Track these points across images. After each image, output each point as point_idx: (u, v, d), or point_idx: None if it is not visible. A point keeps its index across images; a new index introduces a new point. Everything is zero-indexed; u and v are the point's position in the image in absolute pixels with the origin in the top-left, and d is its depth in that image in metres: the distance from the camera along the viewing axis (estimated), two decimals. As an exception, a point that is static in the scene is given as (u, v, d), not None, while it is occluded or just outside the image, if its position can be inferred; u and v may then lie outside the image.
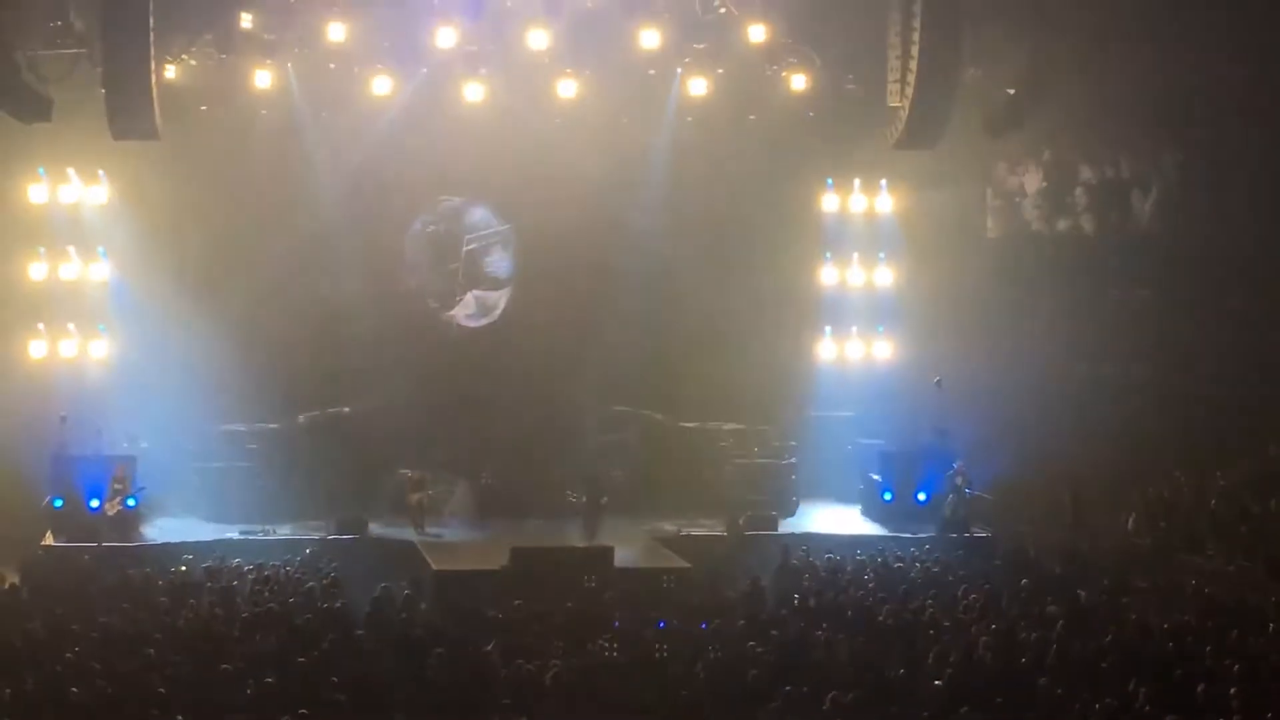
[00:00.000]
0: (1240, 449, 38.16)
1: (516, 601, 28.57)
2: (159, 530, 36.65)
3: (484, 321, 41.49)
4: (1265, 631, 26.87)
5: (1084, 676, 24.20)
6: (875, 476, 39.31)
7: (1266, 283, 41.40)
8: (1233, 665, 24.37)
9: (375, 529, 36.76)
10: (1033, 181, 43.70)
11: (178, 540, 35.47)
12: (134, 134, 35.64)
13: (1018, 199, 43.74)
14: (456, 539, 37.27)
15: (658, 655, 25.44)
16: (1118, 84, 40.83)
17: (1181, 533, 34.99)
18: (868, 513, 39.36)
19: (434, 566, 33.84)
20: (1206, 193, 42.53)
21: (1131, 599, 29.68)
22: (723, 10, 37.45)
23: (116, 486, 36.02)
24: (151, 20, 34.08)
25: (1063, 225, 43.74)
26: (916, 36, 35.70)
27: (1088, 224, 43.61)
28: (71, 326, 39.33)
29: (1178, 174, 43.07)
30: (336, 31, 36.43)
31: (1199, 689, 23.13)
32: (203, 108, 38.41)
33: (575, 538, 36.47)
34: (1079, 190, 43.64)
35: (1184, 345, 41.73)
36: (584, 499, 37.53)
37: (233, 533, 36.14)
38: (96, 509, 35.99)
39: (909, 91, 36.28)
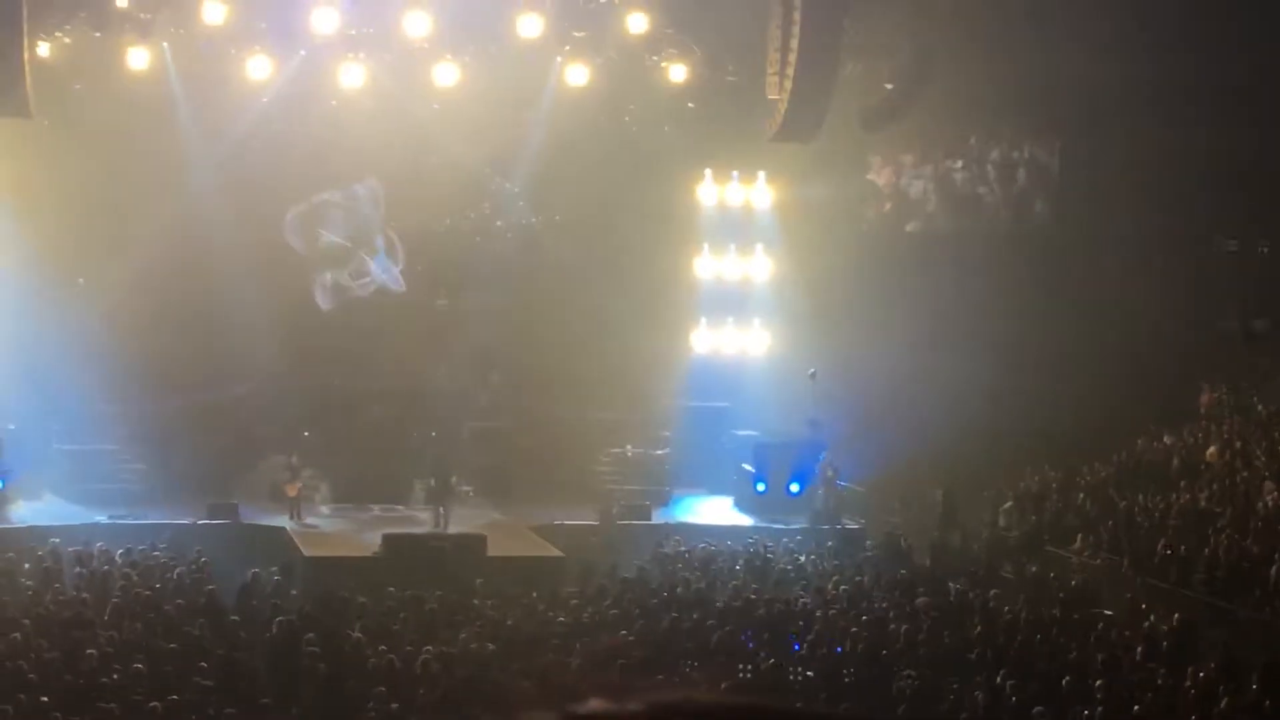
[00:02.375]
0: (1109, 444, 38.57)
1: (390, 588, 28.50)
2: (25, 512, 36.20)
3: (359, 290, 41.15)
4: (1130, 624, 27.24)
5: (952, 668, 24.43)
6: (748, 467, 39.46)
7: (1139, 277, 41.87)
8: (1098, 657, 24.70)
9: (245, 514, 36.48)
10: (909, 176, 43.99)
11: (45, 524, 35.01)
12: (5, 111, 35.24)
13: (894, 193, 44.03)
14: (328, 526, 37.08)
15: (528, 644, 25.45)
16: (994, 80, 41.15)
17: (1050, 526, 35.35)
18: (740, 503, 39.48)
19: (305, 552, 33.68)
20: (1082, 188, 42.94)
21: (1000, 592, 29.97)
22: (604, -1, 37.51)
23: (-23, 468, 35.64)
24: (24, -4, 33.69)
25: (938, 220, 44.07)
26: (796, 30, 35.88)
27: (962, 218, 43.95)
28: (-63, 305, 38.77)
29: (1053, 169, 43.46)
30: (213, 12, 36.14)
31: (1064, 681, 23.42)
32: (77, 86, 37.99)
33: (428, 523, 36.36)
34: (954, 185, 43.98)
35: (1055, 339, 42.13)
36: (434, 483, 37.38)
37: (101, 516, 35.73)
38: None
39: (788, 84, 36.45)
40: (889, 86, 39.08)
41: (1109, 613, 28.80)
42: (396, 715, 21.76)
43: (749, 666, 23.93)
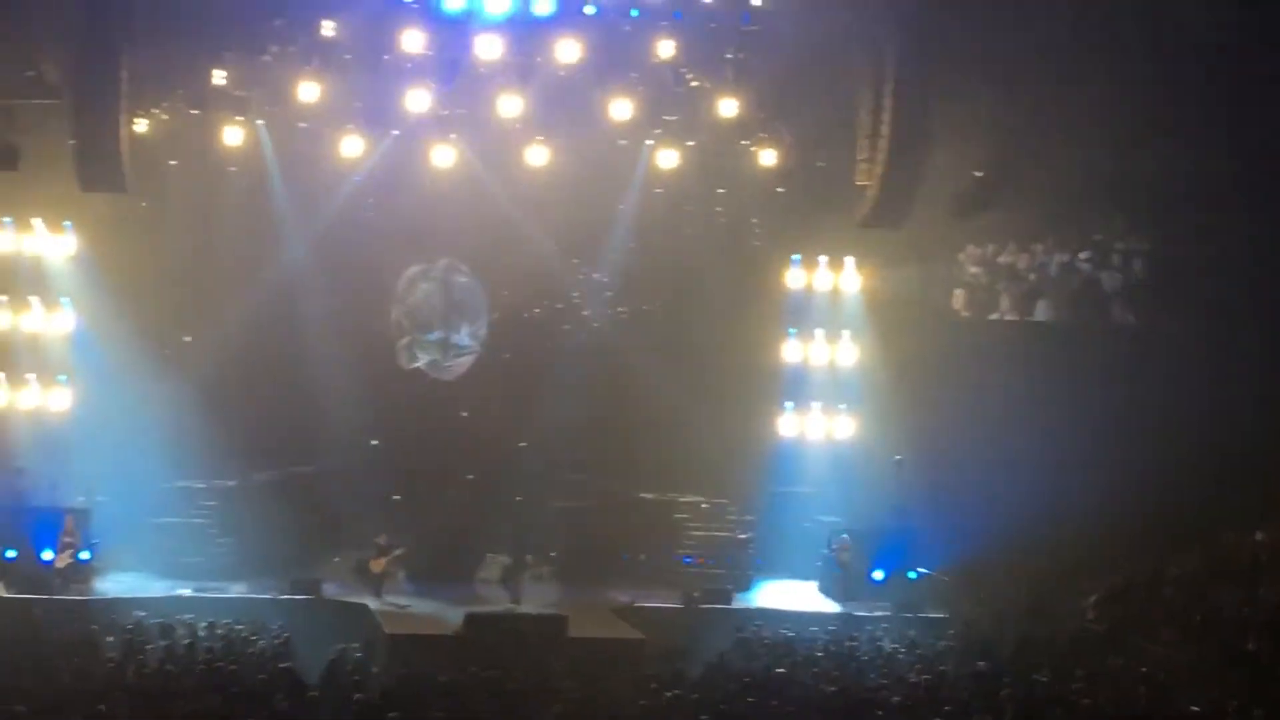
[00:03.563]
0: (1196, 538, 38.20)
1: (471, 668, 28.49)
2: (111, 584, 36.40)
3: (447, 372, 41.24)
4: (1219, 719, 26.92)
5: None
6: (831, 553, 39.29)
7: (1226, 373, 41.50)
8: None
9: (329, 590, 36.57)
10: (999, 264, 43.77)
11: (130, 595, 35.23)
12: (102, 186, 35.67)
13: (983, 281, 43.82)
14: (411, 603, 37.09)
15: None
16: (1086, 169, 40.99)
17: (1136, 619, 35.01)
18: (824, 589, 39.32)
19: (386, 630, 33.71)
20: (1174, 281, 42.65)
21: (1084, 684, 29.66)
22: (695, 84, 37.60)
23: (66, 539, 35.88)
24: (123, 74, 34.18)
25: (1027, 309, 43.80)
26: (886, 116, 35.91)
27: (1052, 308, 43.65)
28: (31, 377, 39.07)
29: (1145, 261, 43.19)
30: (309, 91, 36.48)
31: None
32: (172, 162, 38.45)
33: (502, 600, 36.38)
34: (1045, 274, 43.72)
35: (1144, 432, 41.79)
36: (509, 561, 37.47)
37: (186, 589, 35.92)
38: (49, 562, 35.81)
39: (877, 171, 36.47)
40: (979, 174, 39.02)
41: (1195, 708, 28.45)
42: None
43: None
